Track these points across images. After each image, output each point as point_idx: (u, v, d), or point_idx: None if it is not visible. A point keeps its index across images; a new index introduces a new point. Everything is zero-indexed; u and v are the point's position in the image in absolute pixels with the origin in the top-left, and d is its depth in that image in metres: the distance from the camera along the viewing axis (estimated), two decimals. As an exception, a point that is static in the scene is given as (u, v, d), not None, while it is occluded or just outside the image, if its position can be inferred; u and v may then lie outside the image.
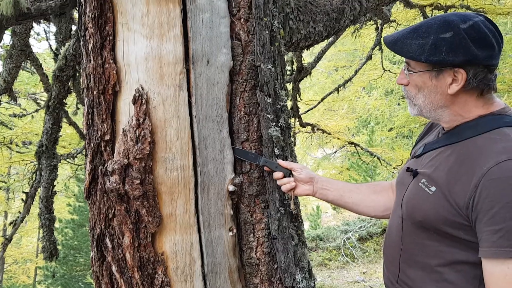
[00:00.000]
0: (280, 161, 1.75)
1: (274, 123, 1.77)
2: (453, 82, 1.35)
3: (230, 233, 1.76)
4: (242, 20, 1.76)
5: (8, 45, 3.99)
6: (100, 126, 1.64)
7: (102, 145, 1.66)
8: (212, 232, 1.70)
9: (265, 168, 1.76)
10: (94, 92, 1.63)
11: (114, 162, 1.59)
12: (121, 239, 1.63)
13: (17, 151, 7.19)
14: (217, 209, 1.72)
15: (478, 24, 1.32)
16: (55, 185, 3.58)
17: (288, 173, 1.74)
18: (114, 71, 1.61)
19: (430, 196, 1.37)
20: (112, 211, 1.64)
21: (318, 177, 1.80)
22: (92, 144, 1.69)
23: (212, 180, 1.70)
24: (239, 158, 1.77)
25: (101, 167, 1.64)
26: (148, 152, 1.57)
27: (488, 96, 1.39)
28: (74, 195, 13.98)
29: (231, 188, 1.73)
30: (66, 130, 6.94)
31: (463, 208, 1.27)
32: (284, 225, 1.78)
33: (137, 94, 1.57)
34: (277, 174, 1.74)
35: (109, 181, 1.59)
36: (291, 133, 1.95)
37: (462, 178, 1.29)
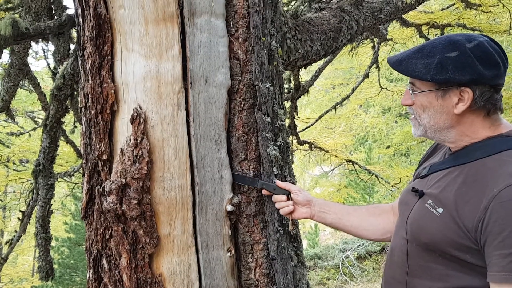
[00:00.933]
0: (278, 182, 1.73)
1: (272, 142, 1.76)
2: (460, 102, 1.34)
3: (229, 254, 1.73)
4: (240, 39, 1.77)
5: (6, 64, 4.00)
6: (97, 146, 1.63)
7: (100, 165, 1.65)
8: (210, 253, 1.68)
9: (263, 191, 1.75)
10: (92, 112, 1.63)
11: (111, 182, 1.57)
12: (118, 260, 1.61)
13: (14, 169, 7.15)
14: (215, 230, 1.70)
15: (484, 44, 1.32)
16: (51, 204, 3.55)
17: (287, 193, 1.73)
18: (112, 91, 1.60)
19: (437, 218, 1.34)
20: (109, 232, 1.62)
21: (316, 199, 1.78)
22: (89, 164, 1.68)
23: (210, 200, 1.68)
24: (237, 183, 1.75)
25: (98, 187, 1.63)
26: (145, 172, 1.56)
27: (495, 117, 1.37)
28: (71, 213, 13.88)
29: (229, 208, 1.72)
30: (64, 148, 6.91)
31: (472, 230, 1.24)
32: (283, 245, 1.76)
33: (135, 114, 1.57)
34: (277, 197, 1.73)
35: (106, 201, 1.57)
36: (290, 152, 1.94)
37: (471, 200, 1.27)
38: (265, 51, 1.80)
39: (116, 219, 1.57)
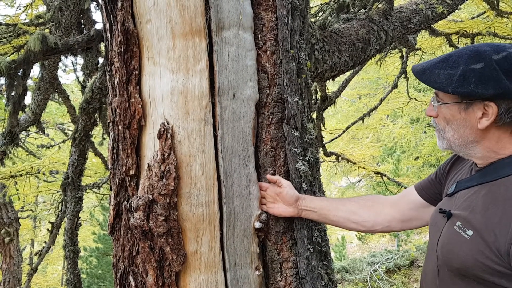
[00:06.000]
0: (269, 176, 1.71)
1: (301, 157, 1.72)
2: (483, 116, 1.27)
3: (257, 272, 1.69)
4: (268, 52, 1.73)
5: (37, 78, 4.08)
6: (125, 161, 1.62)
7: (127, 180, 1.63)
8: (238, 271, 1.64)
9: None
10: (120, 127, 1.62)
11: (138, 197, 1.55)
12: (145, 277, 1.58)
13: (44, 180, 7.28)
14: (243, 247, 1.66)
15: None
16: (80, 217, 3.58)
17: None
18: (140, 106, 1.59)
19: (467, 241, 1.25)
20: (136, 248, 1.60)
21: (303, 198, 1.72)
22: (116, 179, 1.66)
23: (238, 217, 1.64)
24: None
25: (125, 202, 1.61)
26: (173, 188, 1.53)
27: None
28: (99, 223, 14.07)
29: (257, 225, 1.67)
30: (92, 160, 7.01)
31: (505, 254, 1.16)
32: (313, 264, 1.70)
33: (162, 129, 1.55)
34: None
35: (133, 217, 1.55)
36: (319, 167, 1.89)
37: (502, 221, 1.19)
38: (294, 64, 1.76)
39: (143, 235, 1.55)
